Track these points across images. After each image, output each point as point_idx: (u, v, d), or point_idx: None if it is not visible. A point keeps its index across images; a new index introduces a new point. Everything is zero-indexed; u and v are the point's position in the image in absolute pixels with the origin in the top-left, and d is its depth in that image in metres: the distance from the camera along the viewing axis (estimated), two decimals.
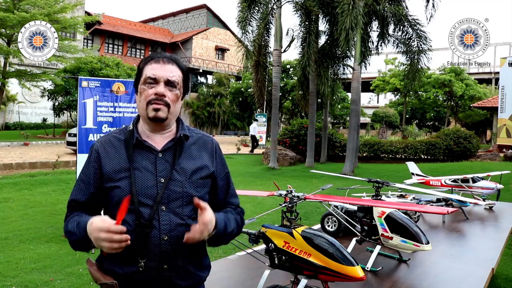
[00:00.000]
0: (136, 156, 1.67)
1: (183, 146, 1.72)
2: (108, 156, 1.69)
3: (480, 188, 5.87)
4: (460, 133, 19.53)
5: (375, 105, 44.23)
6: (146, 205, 1.61)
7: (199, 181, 1.70)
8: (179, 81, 1.69)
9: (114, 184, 1.64)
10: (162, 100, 1.64)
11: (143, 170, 1.64)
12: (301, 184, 12.49)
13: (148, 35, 46.36)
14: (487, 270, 3.17)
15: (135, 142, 1.68)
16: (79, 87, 6.40)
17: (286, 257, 2.43)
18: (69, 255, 5.69)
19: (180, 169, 1.67)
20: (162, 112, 1.64)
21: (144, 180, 1.63)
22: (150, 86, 1.65)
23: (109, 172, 1.66)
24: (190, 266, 1.68)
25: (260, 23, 16.81)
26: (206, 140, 1.82)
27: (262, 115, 25.55)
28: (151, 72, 1.65)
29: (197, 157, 1.74)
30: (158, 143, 1.70)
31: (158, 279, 1.61)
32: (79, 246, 1.64)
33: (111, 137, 1.75)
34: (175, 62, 1.71)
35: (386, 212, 3.22)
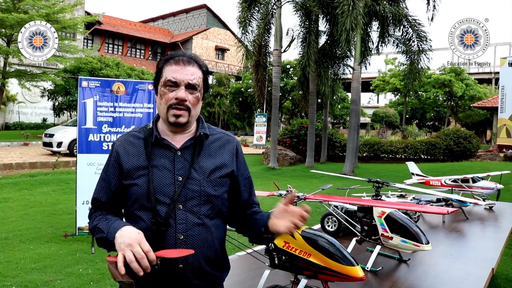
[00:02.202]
0: (155, 154, 1.66)
1: (203, 145, 1.71)
2: (128, 154, 1.69)
3: (480, 188, 5.87)
4: (460, 133, 19.54)
5: (375, 105, 44.22)
6: (163, 203, 1.60)
7: (217, 180, 1.68)
8: (199, 83, 1.67)
9: (132, 181, 1.64)
10: (183, 104, 1.62)
11: (161, 168, 1.64)
12: (301, 184, 12.49)
13: (148, 35, 46.34)
14: (487, 270, 3.17)
15: (154, 140, 1.67)
16: (79, 87, 6.40)
17: (286, 257, 2.43)
18: (69, 255, 5.69)
19: (199, 167, 1.66)
20: (182, 117, 1.63)
21: (162, 178, 1.62)
22: (170, 89, 1.63)
23: (128, 170, 1.66)
24: (207, 266, 1.65)
25: (260, 23, 16.83)
26: (228, 139, 1.80)
27: (262, 115, 25.54)
28: (172, 75, 1.63)
29: (217, 155, 1.72)
30: (177, 142, 1.69)
31: (174, 278, 1.61)
32: (103, 245, 1.63)
33: (131, 136, 1.75)
34: (195, 62, 1.69)
35: (386, 212, 3.22)
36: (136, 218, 1.62)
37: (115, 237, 1.50)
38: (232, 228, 1.87)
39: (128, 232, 1.49)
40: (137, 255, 1.42)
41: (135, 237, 1.46)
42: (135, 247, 1.43)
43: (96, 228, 1.64)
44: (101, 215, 1.68)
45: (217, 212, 1.67)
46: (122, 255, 1.43)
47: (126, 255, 1.42)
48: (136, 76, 27.19)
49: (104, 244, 1.60)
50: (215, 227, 1.68)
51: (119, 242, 1.47)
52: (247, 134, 36.58)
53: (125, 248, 1.44)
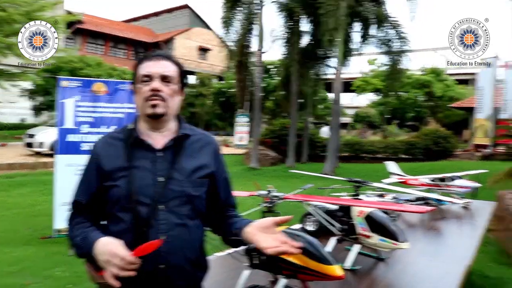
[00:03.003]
0: (135, 155, 1.66)
1: (183, 145, 1.72)
2: (108, 155, 1.69)
3: (457, 187, 5.96)
4: (439, 133, 19.82)
5: (356, 105, 44.53)
6: (144, 204, 1.60)
7: (198, 180, 1.69)
8: (174, 75, 1.70)
9: (113, 183, 1.63)
10: (158, 95, 1.64)
11: (142, 169, 1.64)
12: (282, 184, 12.52)
13: (130, 34, 45.91)
14: (463, 267, 3.23)
15: (134, 141, 1.68)
16: (59, 87, 6.33)
17: (265, 257, 2.44)
18: (46, 258, 5.62)
19: (180, 168, 1.67)
20: (159, 107, 1.65)
21: (143, 179, 1.63)
22: (145, 83, 1.66)
23: (108, 171, 1.66)
24: (188, 266, 1.67)
25: (243, 23, 16.83)
26: (208, 140, 1.81)
27: (244, 115, 25.53)
28: (145, 70, 1.67)
29: (197, 156, 1.73)
30: (158, 142, 1.70)
31: (155, 279, 1.61)
32: (82, 257, 1.64)
33: (111, 137, 1.76)
34: (168, 58, 1.72)
35: (365, 211, 3.25)
36: (117, 219, 1.62)
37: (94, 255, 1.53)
38: (209, 228, 1.88)
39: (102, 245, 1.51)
40: (120, 265, 1.44)
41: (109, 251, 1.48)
42: (113, 260, 1.45)
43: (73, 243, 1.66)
44: (81, 224, 1.67)
45: (197, 213, 1.69)
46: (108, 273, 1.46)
47: (110, 270, 1.45)
48: (118, 76, 26.97)
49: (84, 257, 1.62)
50: (195, 227, 1.69)
51: (100, 260, 1.50)
52: (229, 134, 36.48)
53: (106, 264, 1.46)
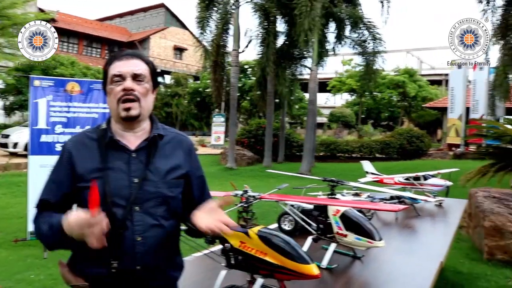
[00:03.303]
0: (109, 156, 1.64)
1: (157, 146, 1.70)
2: (81, 155, 1.65)
3: (430, 185, 6.07)
4: (413, 133, 20.20)
5: (331, 105, 44.91)
6: (119, 205, 1.58)
7: (173, 181, 1.68)
8: (146, 74, 1.66)
9: (86, 184, 1.58)
10: (132, 94, 1.61)
11: (117, 170, 1.62)
12: (259, 184, 12.56)
13: (104, 33, 45.31)
14: (436, 263, 3.29)
15: (108, 141, 1.65)
16: (31, 86, 6.21)
17: (242, 257, 2.44)
18: (19, 261, 5.50)
19: (154, 169, 1.65)
20: (133, 110, 1.62)
21: (118, 180, 1.60)
22: (117, 84, 1.62)
23: (82, 172, 1.62)
24: (164, 266, 1.66)
25: (218, 23, 16.79)
26: (181, 139, 1.80)
27: (220, 115, 25.49)
28: (116, 69, 1.64)
29: (171, 156, 1.72)
30: (132, 143, 1.67)
31: (131, 281, 1.59)
32: (57, 247, 1.60)
33: (84, 136, 1.71)
34: (138, 56, 1.69)
35: (341, 210, 3.28)
36: None
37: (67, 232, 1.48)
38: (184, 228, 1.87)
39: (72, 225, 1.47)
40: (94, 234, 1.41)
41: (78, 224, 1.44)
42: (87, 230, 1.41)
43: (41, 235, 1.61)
44: (46, 217, 1.63)
45: (172, 213, 1.68)
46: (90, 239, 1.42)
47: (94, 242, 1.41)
48: (92, 76, 26.60)
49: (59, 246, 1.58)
50: (171, 227, 1.68)
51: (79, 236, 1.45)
52: (205, 134, 36.39)
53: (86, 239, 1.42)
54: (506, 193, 6.26)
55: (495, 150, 7.44)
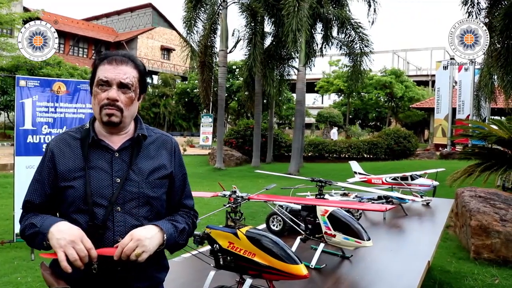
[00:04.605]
0: (92, 156, 1.62)
1: (141, 146, 1.68)
2: (63, 155, 1.64)
3: (418, 185, 6.13)
4: (400, 133, 20.35)
5: (319, 106, 45.07)
6: (101, 205, 1.56)
7: (156, 181, 1.66)
8: (133, 82, 1.63)
9: (68, 183, 1.58)
10: (115, 105, 1.59)
11: (99, 170, 1.60)
12: (247, 184, 12.56)
13: (91, 33, 45.01)
14: (424, 263, 3.32)
15: (91, 141, 1.63)
16: (17, 87, 6.14)
17: (231, 257, 2.44)
18: (6, 263, 5.43)
19: (137, 169, 1.63)
20: (115, 117, 1.60)
21: (99, 180, 1.58)
22: (102, 89, 1.60)
23: (64, 172, 1.61)
24: (147, 268, 1.64)
25: (206, 23, 16.76)
26: (165, 139, 1.78)
27: (208, 115, 25.43)
28: (104, 74, 1.60)
29: (155, 156, 1.70)
30: (115, 143, 1.66)
31: (112, 282, 1.58)
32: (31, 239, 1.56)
33: (67, 136, 1.69)
34: (130, 61, 1.65)
35: (329, 210, 3.29)
36: (72, 221, 1.54)
37: (51, 232, 1.46)
38: None
39: (67, 227, 1.46)
40: (80, 253, 1.40)
41: (77, 234, 1.44)
42: (78, 244, 1.41)
43: (28, 225, 1.57)
44: (34, 215, 1.61)
45: (156, 214, 1.65)
46: (63, 253, 1.39)
47: (69, 253, 1.39)
48: (79, 76, 26.38)
49: (35, 239, 1.53)
50: None
51: (57, 238, 1.43)
52: (193, 135, 36.32)
53: (67, 245, 1.40)
54: (492, 192, 6.33)
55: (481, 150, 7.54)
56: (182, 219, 1.72)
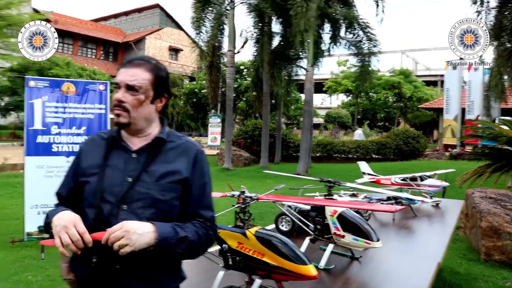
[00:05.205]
0: (112, 155, 1.70)
1: (159, 150, 1.71)
2: (88, 153, 1.75)
3: (427, 186, 6.10)
4: (409, 133, 20.23)
5: (328, 106, 44.99)
6: (108, 202, 1.61)
7: (167, 184, 1.66)
8: (142, 84, 1.67)
9: (86, 179, 1.67)
10: (120, 105, 1.66)
11: (114, 168, 1.67)
12: (256, 184, 12.55)
13: (99, 34, 45.24)
14: (433, 264, 3.30)
15: (112, 141, 1.72)
16: (26, 87, 6.18)
17: (240, 257, 2.44)
18: (16, 262, 5.47)
19: (150, 171, 1.66)
20: (122, 117, 1.67)
21: (112, 178, 1.64)
22: (116, 91, 1.69)
23: (85, 168, 1.71)
24: (150, 272, 1.63)
25: (213, 23, 16.74)
26: (188, 146, 1.77)
27: (216, 116, 25.48)
28: (117, 77, 1.70)
29: (172, 162, 1.70)
30: (135, 144, 1.72)
31: (111, 279, 1.59)
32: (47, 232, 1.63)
33: (97, 136, 1.81)
34: (144, 64, 1.70)
35: (338, 211, 3.28)
36: (84, 215, 1.60)
37: (52, 220, 1.54)
38: None
39: (64, 215, 1.53)
40: (73, 237, 1.46)
41: (70, 219, 1.51)
42: (71, 229, 1.47)
43: (45, 216, 1.68)
44: (57, 207, 1.70)
45: (162, 217, 1.62)
46: (58, 238, 1.48)
47: (62, 237, 1.47)
48: (88, 76, 26.57)
49: (47, 229, 1.62)
50: None
51: (55, 225, 1.51)
52: (202, 135, 36.40)
53: (61, 230, 1.48)
54: (503, 193, 6.27)
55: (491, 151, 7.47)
56: (192, 228, 1.66)
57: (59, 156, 6.20)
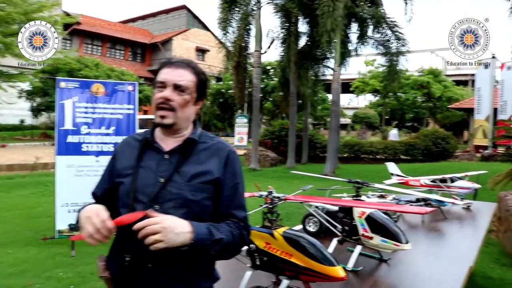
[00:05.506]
0: (145, 156, 1.73)
1: (191, 150, 1.73)
2: (123, 154, 1.79)
3: (458, 188, 5.96)
4: (438, 134, 19.85)
5: (355, 106, 44.59)
6: (141, 202, 1.64)
7: (198, 185, 1.67)
8: (189, 85, 1.71)
9: (121, 179, 1.71)
10: (168, 104, 1.67)
11: (147, 169, 1.70)
12: (283, 184, 12.52)
13: (127, 35, 45.94)
14: (465, 268, 3.22)
15: (146, 142, 1.75)
16: (57, 88, 6.32)
17: (268, 258, 2.43)
18: (48, 259, 5.60)
19: (182, 171, 1.68)
20: (167, 118, 1.69)
21: (145, 179, 1.67)
22: (159, 90, 1.69)
23: (120, 169, 1.76)
24: (184, 271, 1.65)
25: (240, 24, 16.79)
26: (220, 147, 1.79)
27: (243, 116, 25.52)
28: (161, 76, 1.70)
29: (204, 162, 1.72)
30: (168, 145, 1.74)
31: (144, 278, 1.62)
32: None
33: (131, 138, 1.85)
34: (188, 67, 1.73)
35: (366, 212, 3.24)
36: (118, 215, 1.61)
37: (79, 216, 1.58)
38: None
39: (88, 208, 1.57)
40: (96, 226, 1.48)
41: (93, 210, 1.54)
42: (93, 218, 1.49)
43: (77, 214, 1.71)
44: None
45: (194, 217, 1.62)
46: (84, 229, 1.51)
47: (86, 228, 1.49)
48: (116, 77, 26.99)
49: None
50: None
51: (80, 219, 1.55)
52: (228, 135, 36.50)
53: (85, 221, 1.51)
54: None
55: None
56: (226, 229, 1.66)
57: (88, 155, 6.31)
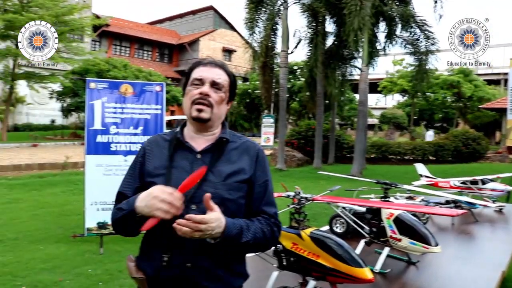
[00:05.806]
0: (176, 156, 1.74)
1: (223, 150, 1.75)
2: (153, 153, 1.78)
3: (489, 190, 5.82)
4: (468, 135, 19.44)
5: (382, 106, 44.02)
6: None
7: (234, 184, 1.69)
8: (225, 84, 1.77)
9: (152, 179, 1.70)
10: (206, 99, 1.70)
11: (180, 169, 1.70)
12: (309, 185, 12.47)
13: (155, 36, 46.50)
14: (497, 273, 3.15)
15: (177, 142, 1.75)
16: (87, 89, 6.42)
17: (295, 258, 2.43)
18: (78, 256, 5.71)
19: (216, 171, 1.69)
20: (204, 112, 1.71)
21: (179, 179, 1.63)
22: (196, 87, 1.73)
23: (150, 168, 1.74)
24: (219, 270, 1.66)
25: (267, 24, 16.79)
26: (249, 145, 1.82)
27: (269, 116, 25.51)
28: (199, 73, 1.75)
29: (236, 161, 1.74)
30: (199, 145, 1.75)
31: (182, 278, 1.63)
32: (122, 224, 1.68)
33: (159, 137, 1.85)
34: (222, 67, 1.81)
35: (395, 213, 3.20)
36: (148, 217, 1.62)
37: (136, 206, 1.56)
38: None
39: (145, 194, 1.56)
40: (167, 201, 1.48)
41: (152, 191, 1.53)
42: (161, 195, 1.49)
43: (115, 211, 1.71)
44: None
45: (230, 216, 1.63)
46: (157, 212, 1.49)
47: (159, 207, 1.48)
48: (144, 78, 27.36)
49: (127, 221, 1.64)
50: None
51: (145, 205, 1.53)
52: (255, 135, 36.55)
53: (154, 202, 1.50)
54: None
55: None
56: (257, 226, 1.69)
57: (117, 155, 6.40)
